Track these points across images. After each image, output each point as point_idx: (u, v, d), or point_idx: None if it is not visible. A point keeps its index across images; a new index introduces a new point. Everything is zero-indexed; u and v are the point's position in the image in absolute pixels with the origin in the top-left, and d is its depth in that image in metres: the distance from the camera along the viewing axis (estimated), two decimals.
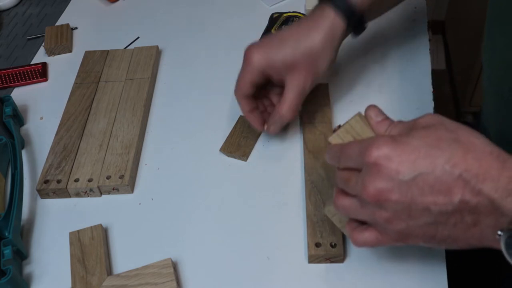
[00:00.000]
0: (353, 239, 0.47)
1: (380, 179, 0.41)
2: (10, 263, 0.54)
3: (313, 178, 0.61)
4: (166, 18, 0.91)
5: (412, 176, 0.40)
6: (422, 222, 0.41)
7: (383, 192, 0.41)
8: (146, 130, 0.72)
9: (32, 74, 0.82)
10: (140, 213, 0.63)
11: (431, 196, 0.40)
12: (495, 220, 0.39)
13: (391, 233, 0.44)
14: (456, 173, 0.39)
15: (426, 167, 0.40)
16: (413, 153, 0.40)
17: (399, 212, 0.42)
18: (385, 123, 0.46)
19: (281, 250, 0.57)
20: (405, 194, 0.41)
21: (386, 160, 0.41)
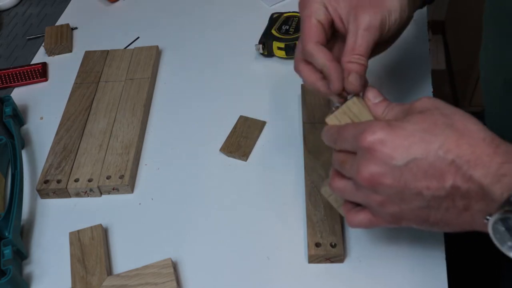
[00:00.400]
0: (348, 220, 0.47)
1: (374, 164, 0.41)
2: (10, 263, 0.54)
3: (313, 178, 0.61)
4: (166, 18, 0.91)
5: (406, 161, 0.40)
6: (415, 206, 0.42)
7: (377, 176, 0.42)
8: (146, 130, 0.72)
9: (32, 74, 0.82)
10: (140, 213, 0.63)
11: (424, 181, 0.40)
12: (485, 205, 0.39)
13: (384, 216, 0.44)
14: (449, 158, 0.39)
15: (420, 152, 0.40)
16: (407, 139, 0.41)
17: (392, 196, 0.42)
18: (382, 104, 0.47)
19: (281, 250, 0.57)
20: (398, 179, 0.41)
21: (380, 145, 0.41)
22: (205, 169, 0.66)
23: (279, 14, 0.82)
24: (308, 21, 0.51)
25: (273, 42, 0.77)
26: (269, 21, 0.81)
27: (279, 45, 0.77)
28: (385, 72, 0.74)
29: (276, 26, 0.79)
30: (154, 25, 0.89)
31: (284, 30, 0.78)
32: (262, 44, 0.78)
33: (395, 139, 0.41)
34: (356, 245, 0.56)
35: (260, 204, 0.61)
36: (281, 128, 0.70)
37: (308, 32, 0.51)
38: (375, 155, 0.41)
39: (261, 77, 0.77)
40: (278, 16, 0.81)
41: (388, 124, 0.42)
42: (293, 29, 0.78)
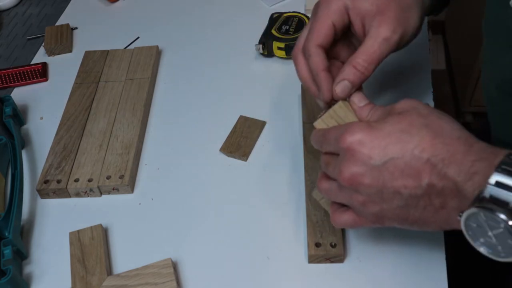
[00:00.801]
0: (333, 220, 0.49)
1: (354, 164, 0.43)
2: (10, 263, 0.54)
3: (313, 178, 0.61)
4: (166, 18, 0.91)
5: (383, 161, 0.42)
6: (395, 205, 0.43)
7: (357, 176, 0.43)
8: (146, 130, 0.72)
9: (32, 74, 0.82)
10: (140, 213, 0.63)
11: (401, 180, 0.42)
12: (459, 202, 0.40)
13: (367, 216, 0.46)
14: (424, 157, 0.41)
15: (396, 152, 0.42)
16: (384, 139, 0.42)
17: (373, 196, 0.43)
18: (367, 108, 0.48)
19: (281, 250, 0.57)
20: (376, 179, 0.42)
21: (359, 145, 0.43)
22: (205, 169, 0.66)
23: (279, 14, 0.82)
24: (322, 21, 0.51)
25: (273, 42, 0.77)
26: (269, 21, 0.81)
27: (279, 45, 0.77)
28: (385, 72, 0.74)
29: (276, 26, 0.79)
30: (154, 25, 0.90)
31: (284, 30, 0.78)
32: (262, 44, 0.78)
33: (373, 140, 0.42)
34: (356, 245, 0.56)
35: (260, 204, 0.61)
36: (281, 128, 0.70)
37: (317, 31, 0.51)
38: (354, 155, 0.43)
39: (261, 77, 0.77)
40: (278, 16, 0.81)
41: (368, 126, 0.43)
42: (293, 29, 0.78)
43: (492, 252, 0.40)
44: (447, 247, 0.55)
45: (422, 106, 0.44)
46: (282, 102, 0.73)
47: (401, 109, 0.44)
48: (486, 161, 0.39)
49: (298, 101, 0.72)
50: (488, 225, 0.38)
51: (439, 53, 2.03)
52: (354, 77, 0.49)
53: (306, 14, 0.81)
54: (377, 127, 0.43)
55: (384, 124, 0.43)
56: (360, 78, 0.49)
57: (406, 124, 0.42)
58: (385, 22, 0.49)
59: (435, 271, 0.53)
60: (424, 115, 0.43)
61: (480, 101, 1.69)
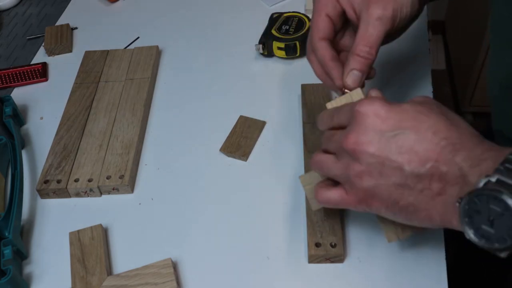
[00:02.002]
0: (318, 195, 0.48)
1: (363, 130, 0.43)
2: (10, 263, 0.54)
3: None
4: (166, 18, 0.91)
5: (394, 134, 0.42)
6: (391, 182, 0.42)
7: (363, 143, 0.42)
8: (146, 130, 0.72)
9: (32, 74, 0.82)
10: (140, 213, 0.63)
11: (407, 155, 0.41)
12: (459, 189, 0.40)
13: (358, 191, 0.44)
14: (436, 139, 0.41)
15: (409, 127, 0.42)
16: (400, 114, 0.42)
17: (372, 166, 0.43)
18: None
19: (281, 250, 0.57)
20: (382, 149, 0.42)
21: (374, 113, 0.43)
22: (205, 169, 0.66)
23: (279, 14, 0.82)
24: (317, 16, 0.53)
25: (273, 42, 0.77)
26: (269, 21, 0.81)
27: (279, 45, 0.77)
28: (385, 72, 0.74)
29: (276, 26, 0.79)
30: (154, 25, 0.90)
31: (284, 30, 0.78)
32: (262, 44, 0.78)
33: (389, 112, 0.42)
34: (356, 245, 0.56)
35: (260, 204, 0.61)
36: (281, 128, 0.70)
37: (315, 27, 0.53)
38: (366, 121, 0.43)
39: (261, 77, 0.77)
40: (278, 16, 0.81)
41: (385, 102, 0.43)
42: (293, 29, 0.78)
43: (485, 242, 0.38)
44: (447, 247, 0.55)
45: (439, 103, 0.45)
46: (282, 102, 0.73)
47: (420, 100, 0.45)
48: (497, 151, 0.39)
49: (298, 101, 0.72)
50: (489, 209, 0.38)
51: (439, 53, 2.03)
52: (361, 64, 0.50)
53: (306, 14, 0.81)
54: (395, 103, 0.43)
55: (403, 104, 0.43)
56: (366, 64, 0.51)
57: (424, 108, 0.43)
58: (373, 4, 0.50)
59: (435, 271, 0.53)
60: (442, 108, 0.44)
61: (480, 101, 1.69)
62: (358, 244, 0.56)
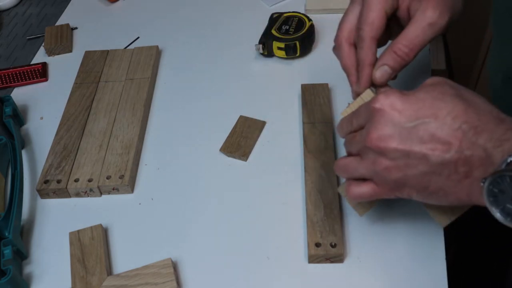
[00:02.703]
0: (350, 192, 0.48)
1: (384, 125, 0.43)
2: (10, 263, 0.54)
3: (313, 178, 0.61)
4: (166, 18, 0.91)
5: (414, 124, 0.42)
6: (418, 171, 0.43)
7: (385, 138, 0.43)
8: (146, 130, 0.72)
9: (32, 74, 0.82)
10: (140, 213, 0.63)
11: (430, 144, 0.42)
12: (484, 170, 0.40)
13: (388, 183, 0.45)
14: (456, 124, 0.41)
15: (428, 116, 0.42)
16: (417, 103, 0.42)
17: (398, 160, 0.43)
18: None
19: (281, 250, 0.57)
20: (404, 141, 0.42)
21: (390, 107, 0.43)
22: (205, 169, 0.66)
23: (279, 14, 0.81)
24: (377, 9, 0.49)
25: (273, 42, 0.77)
26: (269, 21, 0.81)
27: (279, 45, 0.77)
28: None
29: (276, 26, 0.79)
30: (154, 25, 0.89)
31: (284, 30, 0.78)
32: (262, 44, 0.78)
33: (405, 103, 0.43)
34: (356, 245, 0.56)
35: (260, 204, 0.61)
36: (281, 128, 0.70)
37: (371, 22, 0.49)
38: (384, 115, 0.43)
39: (261, 77, 0.77)
40: (278, 16, 0.81)
41: (401, 92, 0.44)
42: (293, 29, 0.78)
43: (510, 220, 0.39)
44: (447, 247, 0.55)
45: (452, 81, 0.44)
46: (282, 102, 0.73)
47: (432, 82, 0.44)
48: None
49: (298, 101, 0.72)
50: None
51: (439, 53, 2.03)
52: (394, 62, 0.49)
53: (306, 14, 0.81)
54: (410, 93, 0.43)
55: (418, 92, 0.43)
56: (400, 64, 0.49)
57: (439, 92, 0.43)
58: (431, 6, 0.48)
59: (435, 271, 0.53)
60: (457, 88, 0.43)
61: None
62: (358, 244, 0.56)
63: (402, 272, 0.53)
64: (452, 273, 0.53)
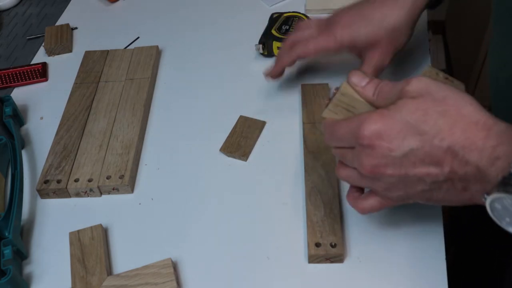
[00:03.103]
0: (359, 208, 0.50)
1: (375, 157, 0.44)
2: (10, 263, 0.54)
3: (313, 178, 0.61)
4: (166, 18, 0.91)
5: (403, 153, 0.42)
6: (419, 190, 0.44)
7: (378, 168, 0.44)
8: (146, 130, 0.72)
9: (32, 74, 0.82)
10: (140, 213, 0.63)
11: (423, 168, 0.42)
12: (481, 186, 0.41)
13: (391, 198, 0.47)
14: (444, 146, 0.41)
15: (415, 143, 0.42)
16: (402, 131, 0.42)
17: (396, 183, 0.45)
18: (371, 86, 0.47)
19: (281, 250, 0.57)
20: (398, 169, 0.43)
21: (378, 139, 0.43)
22: (205, 169, 0.66)
23: (279, 14, 0.82)
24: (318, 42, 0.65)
25: (273, 42, 0.77)
26: (269, 21, 0.81)
27: (279, 45, 0.77)
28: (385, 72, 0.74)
29: (276, 26, 0.79)
30: (154, 25, 0.90)
31: (284, 30, 0.78)
32: (262, 44, 0.78)
33: (390, 131, 0.42)
34: (356, 245, 0.56)
35: (260, 204, 0.61)
36: (281, 128, 0.70)
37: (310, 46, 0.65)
38: (374, 149, 0.43)
39: (261, 77, 0.77)
40: (278, 16, 0.81)
41: (381, 116, 0.43)
42: (293, 29, 0.78)
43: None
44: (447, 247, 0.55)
45: (435, 88, 0.43)
46: (282, 102, 0.73)
47: (414, 93, 0.43)
48: (507, 145, 0.39)
49: (298, 101, 0.72)
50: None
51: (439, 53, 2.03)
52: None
53: (306, 14, 0.81)
54: (392, 115, 0.43)
55: (398, 114, 0.42)
56: None
57: (422, 113, 0.42)
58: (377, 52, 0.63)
59: (435, 271, 0.53)
60: (440, 100, 0.42)
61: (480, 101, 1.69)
62: (358, 244, 0.56)
63: (402, 272, 0.53)
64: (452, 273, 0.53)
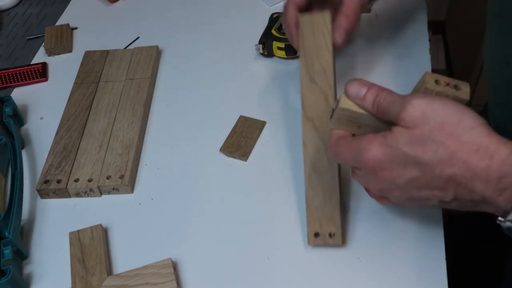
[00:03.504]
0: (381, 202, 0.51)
1: (379, 182, 0.46)
2: (10, 263, 0.54)
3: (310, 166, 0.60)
4: (166, 18, 0.91)
5: (405, 181, 0.44)
6: (429, 203, 0.46)
7: (385, 191, 0.47)
8: (146, 130, 0.72)
9: (32, 74, 0.82)
10: (140, 213, 0.63)
11: (428, 191, 0.44)
12: (492, 209, 0.42)
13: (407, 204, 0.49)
14: (445, 176, 0.41)
15: (416, 173, 0.43)
16: (401, 161, 0.43)
17: (405, 198, 0.46)
18: (370, 96, 0.46)
19: (281, 250, 0.57)
20: (404, 192, 0.45)
21: (380, 168, 0.44)
22: (205, 169, 0.66)
23: (279, 14, 0.81)
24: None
25: (273, 42, 0.77)
26: (269, 21, 0.81)
27: (279, 45, 0.77)
28: (385, 72, 0.74)
29: (276, 26, 0.79)
30: (154, 25, 0.90)
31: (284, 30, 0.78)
32: (262, 44, 0.78)
33: (391, 162, 0.43)
34: (356, 245, 0.56)
35: (260, 204, 0.61)
36: (281, 128, 0.70)
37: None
38: (378, 175, 0.45)
39: (261, 77, 0.77)
40: (278, 16, 0.81)
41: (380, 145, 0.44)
42: None
43: None
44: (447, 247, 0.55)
45: (432, 114, 0.42)
46: (282, 102, 0.73)
47: (409, 123, 0.42)
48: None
49: (298, 101, 0.72)
50: None
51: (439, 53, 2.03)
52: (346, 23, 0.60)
53: None
54: (390, 145, 0.43)
55: (396, 144, 0.43)
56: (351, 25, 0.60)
57: (419, 145, 0.42)
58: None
59: (435, 271, 0.53)
60: (437, 128, 0.41)
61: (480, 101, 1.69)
62: (358, 243, 0.56)
63: (402, 273, 0.53)
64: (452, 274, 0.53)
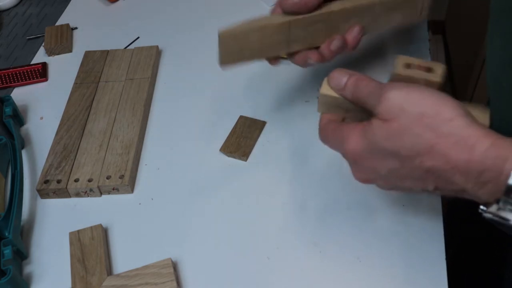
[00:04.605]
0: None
1: (363, 172, 0.46)
2: (10, 263, 0.54)
3: None
4: (166, 18, 0.91)
5: (387, 171, 0.44)
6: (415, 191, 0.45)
7: (369, 180, 0.47)
8: (146, 130, 0.72)
9: (32, 74, 0.82)
10: (140, 213, 0.63)
11: (409, 182, 0.44)
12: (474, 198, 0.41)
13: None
14: (425, 168, 0.41)
15: (395, 164, 0.43)
16: (381, 153, 0.43)
17: (389, 187, 0.47)
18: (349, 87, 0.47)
19: (281, 250, 0.57)
20: (387, 181, 0.46)
21: (361, 158, 0.45)
22: (205, 169, 0.66)
23: None
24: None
25: None
26: None
27: None
28: (385, 72, 0.74)
29: None
30: (154, 25, 0.90)
31: None
32: None
33: (371, 153, 0.44)
34: (356, 245, 0.56)
35: (260, 204, 0.61)
36: (281, 128, 0.70)
37: None
38: (359, 165, 0.46)
39: (261, 77, 0.77)
40: None
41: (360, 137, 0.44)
42: None
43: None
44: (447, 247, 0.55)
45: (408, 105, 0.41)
46: (282, 102, 0.73)
47: (386, 115, 0.42)
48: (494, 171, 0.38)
49: (298, 101, 0.72)
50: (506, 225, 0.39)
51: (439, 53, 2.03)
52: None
53: None
54: (369, 138, 0.44)
55: (373, 137, 0.43)
56: None
57: (397, 138, 0.41)
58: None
59: (435, 270, 0.53)
60: (415, 119, 0.41)
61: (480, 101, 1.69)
62: (358, 243, 0.56)
63: (402, 272, 0.53)
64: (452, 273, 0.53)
